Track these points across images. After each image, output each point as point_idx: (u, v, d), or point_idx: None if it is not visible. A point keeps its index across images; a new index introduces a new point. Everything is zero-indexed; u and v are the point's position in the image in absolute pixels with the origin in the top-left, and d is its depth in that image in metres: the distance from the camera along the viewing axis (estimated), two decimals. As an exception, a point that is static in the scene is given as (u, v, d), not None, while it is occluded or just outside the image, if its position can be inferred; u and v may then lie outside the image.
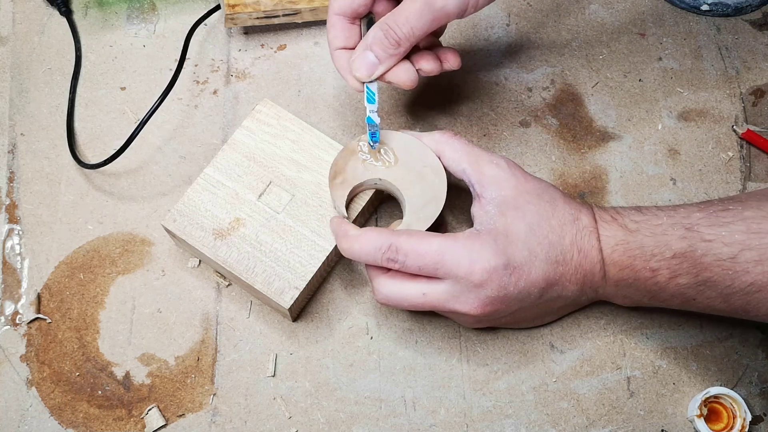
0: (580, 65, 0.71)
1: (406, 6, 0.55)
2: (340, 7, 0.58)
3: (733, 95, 0.71)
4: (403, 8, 0.55)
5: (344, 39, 0.58)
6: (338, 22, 0.58)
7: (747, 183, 0.68)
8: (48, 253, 0.64)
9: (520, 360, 0.62)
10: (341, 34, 0.58)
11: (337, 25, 0.58)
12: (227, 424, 0.60)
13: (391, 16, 0.56)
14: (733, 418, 0.60)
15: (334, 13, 0.58)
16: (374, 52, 0.56)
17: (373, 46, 0.56)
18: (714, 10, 0.73)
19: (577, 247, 0.56)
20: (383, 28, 0.56)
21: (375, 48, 0.56)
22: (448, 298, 0.55)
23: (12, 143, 0.68)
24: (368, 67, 0.57)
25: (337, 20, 0.58)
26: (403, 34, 0.55)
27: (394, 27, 0.55)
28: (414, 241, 0.54)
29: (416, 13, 0.55)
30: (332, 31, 0.59)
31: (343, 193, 0.59)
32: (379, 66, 0.57)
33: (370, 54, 0.56)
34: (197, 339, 0.62)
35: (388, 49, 0.56)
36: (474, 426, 0.61)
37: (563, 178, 0.68)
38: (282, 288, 0.58)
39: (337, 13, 0.58)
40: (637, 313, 0.64)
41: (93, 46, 0.71)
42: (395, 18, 0.55)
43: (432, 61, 0.59)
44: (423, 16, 0.55)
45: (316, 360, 0.62)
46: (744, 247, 0.52)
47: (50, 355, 0.62)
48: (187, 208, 0.61)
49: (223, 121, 0.69)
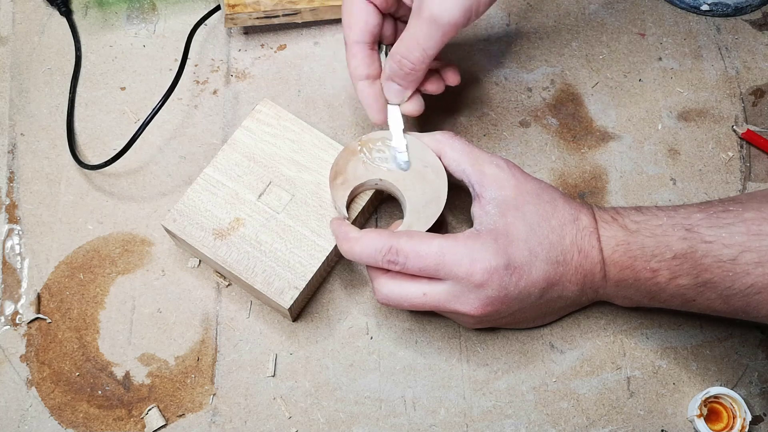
0: (580, 65, 0.71)
1: (412, 30, 0.55)
2: (358, 35, 0.58)
3: (733, 95, 0.71)
4: (411, 32, 0.55)
5: (366, 67, 0.59)
6: (359, 51, 0.58)
7: (747, 183, 0.68)
8: (48, 253, 0.64)
9: (520, 360, 0.62)
10: (363, 63, 0.59)
11: (359, 54, 0.58)
12: (227, 424, 0.60)
13: (400, 43, 0.56)
14: (733, 418, 0.60)
15: (354, 42, 0.58)
16: (396, 82, 0.58)
17: (393, 77, 0.58)
18: (714, 10, 0.73)
19: (578, 248, 0.56)
20: (396, 60, 0.56)
21: (395, 78, 0.58)
22: (449, 298, 0.55)
23: (12, 143, 0.68)
24: (397, 95, 0.59)
25: (358, 49, 0.58)
26: (416, 58, 0.56)
27: (407, 55, 0.56)
28: (414, 242, 0.54)
29: (425, 35, 0.55)
30: (353, 61, 0.59)
31: (343, 193, 0.59)
32: (405, 91, 0.59)
33: (393, 84, 0.58)
34: (197, 339, 0.62)
35: (406, 78, 0.57)
36: (474, 426, 0.61)
37: (563, 178, 0.68)
38: (282, 288, 0.59)
39: (357, 41, 0.58)
40: (637, 313, 0.64)
41: (93, 46, 0.71)
42: (406, 45, 0.56)
43: (435, 82, 0.61)
44: (432, 36, 0.55)
45: (316, 360, 0.62)
46: (744, 248, 0.52)
47: (50, 355, 0.62)
48: (187, 208, 0.61)
49: (223, 121, 0.69)
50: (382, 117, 0.60)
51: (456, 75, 0.62)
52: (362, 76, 0.59)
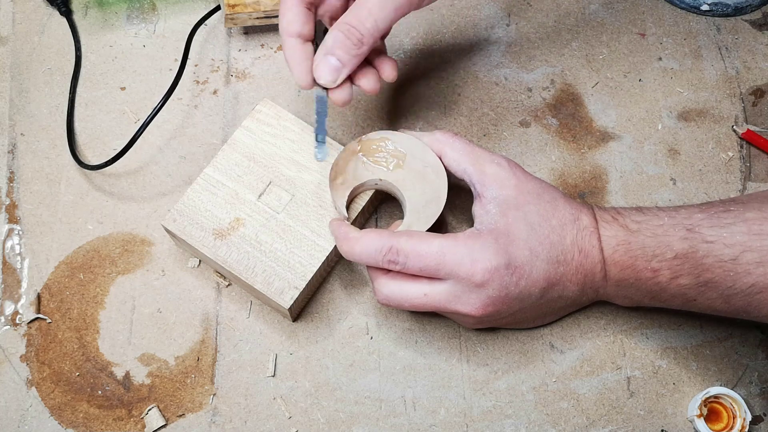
0: (580, 65, 0.71)
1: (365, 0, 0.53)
2: None
3: (733, 95, 0.71)
4: (363, 2, 0.53)
5: (301, 24, 0.55)
6: (296, 5, 0.54)
7: (747, 183, 0.68)
8: (48, 253, 0.64)
9: (520, 360, 0.62)
10: (298, 19, 0.54)
11: (295, 8, 0.54)
12: (227, 424, 0.60)
13: (350, 13, 0.53)
14: (733, 418, 0.60)
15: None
16: (336, 56, 0.54)
17: (334, 49, 0.54)
18: (714, 10, 0.73)
19: (578, 247, 0.56)
20: (343, 29, 0.53)
21: (337, 51, 0.54)
22: (450, 298, 0.55)
23: (12, 143, 0.68)
24: (332, 72, 0.55)
25: (293, 3, 0.54)
26: (367, 30, 0.53)
27: (357, 24, 0.53)
28: (414, 242, 0.54)
29: (378, 5, 0.53)
30: (289, 14, 0.54)
31: (343, 193, 0.59)
32: (343, 69, 0.55)
33: (332, 58, 0.54)
34: (197, 339, 0.62)
35: (351, 50, 0.54)
36: (474, 426, 0.61)
37: (563, 178, 0.68)
38: (282, 288, 0.58)
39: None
40: (637, 313, 0.64)
41: (93, 46, 0.71)
42: (357, 14, 0.53)
43: (371, 77, 0.58)
44: (386, 6, 0.53)
45: (316, 360, 0.62)
46: (745, 248, 0.52)
47: (50, 355, 0.62)
48: (187, 208, 0.61)
49: (223, 121, 0.69)
50: (309, 79, 0.56)
51: (393, 70, 0.58)
52: (294, 33, 0.55)
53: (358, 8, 0.53)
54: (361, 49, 0.54)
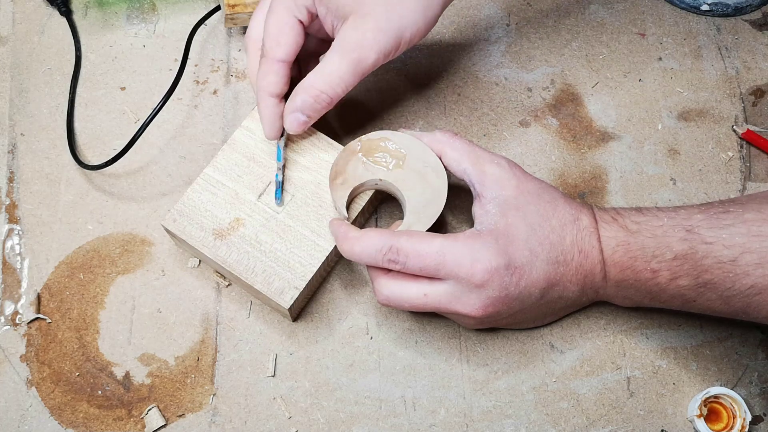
0: (580, 65, 0.71)
1: (337, 65, 0.55)
2: (286, 53, 0.57)
3: (733, 95, 0.71)
4: (335, 68, 0.55)
5: (282, 86, 0.58)
6: (281, 69, 0.57)
7: (747, 183, 0.68)
8: (48, 253, 0.64)
9: (520, 360, 0.62)
10: (281, 82, 0.57)
11: (280, 72, 0.57)
12: (227, 424, 0.60)
13: (320, 77, 0.56)
14: (733, 418, 0.60)
15: (278, 60, 0.57)
16: (305, 114, 0.57)
17: (304, 110, 0.57)
18: (714, 10, 0.73)
19: (578, 248, 0.56)
20: (313, 95, 0.56)
21: (306, 111, 0.57)
22: (450, 299, 0.55)
23: (12, 143, 0.68)
24: (300, 126, 0.58)
25: (280, 67, 0.57)
26: (337, 94, 0.57)
27: (328, 90, 0.56)
28: (415, 241, 0.54)
29: (350, 72, 0.55)
30: (272, 77, 0.57)
31: (343, 193, 0.59)
32: (309, 122, 0.59)
33: (301, 116, 0.58)
34: (197, 339, 0.62)
35: (319, 112, 0.58)
36: (474, 426, 0.61)
37: (563, 178, 0.68)
38: (282, 288, 0.58)
39: (282, 60, 0.57)
40: (637, 313, 0.64)
41: (93, 46, 0.71)
42: (327, 80, 0.56)
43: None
44: (356, 74, 0.56)
45: (316, 360, 0.62)
46: (744, 250, 0.52)
47: (50, 355, 0.62)
48: (187, 208, 0.61)
49: (223, 121, 0.69)
50: (278, 134, 0.60)
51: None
52: (273, 94, 0.58)
53: (330, 74, 0.56)
54: (328, 108, 0.58)
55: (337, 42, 0.56)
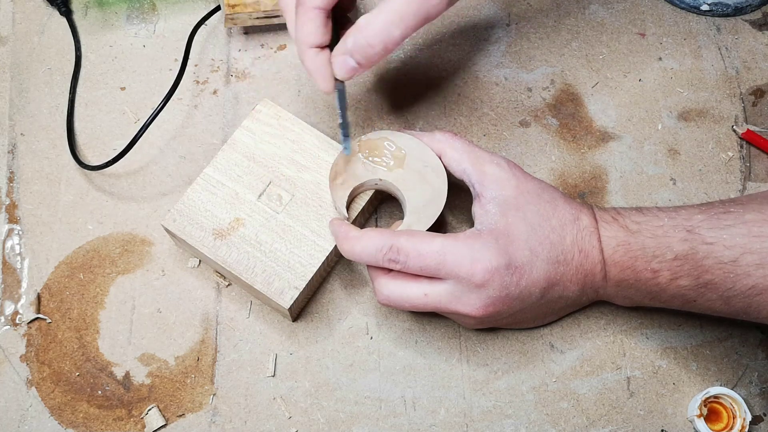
0: (580, 65, 0.71)
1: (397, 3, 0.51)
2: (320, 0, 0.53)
3: (733, 95, 0.71)
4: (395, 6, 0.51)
5: (321, 35, 0.54)
6: (317, 17, 0.53)
7: (747, 183, 0.68)
8: (48, 253, 0.64)
9: (520, 360, 0.62)
10: (318, 30, 0.53)
11: (317, 20, 0.53)
12: (227, 424, 0.60)
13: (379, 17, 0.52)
14: (733, 418, 0.60)
15: (313, 7, 0.53)
16: (355, 59, 0.54)
17: (354, 53, 0.53)
18: (714, 10, 0.73)
19: (578, 248, 0.56)
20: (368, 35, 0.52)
21: (356, 55, 0.54)
22: (450, 299, 0.55)
23: (12, 143, 0.68)
24: (350, 71, 0.55)
25: (316, 15, 0.53)
26: (394, 38, 0.52)
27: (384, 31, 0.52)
28: (415, 241, 0.54)
29: (412, 14, 0.51)
30: (310, 25, 0.53)
31: (343, 193, 0.59)
32: (359, 69, 0.55)
33: (350, 60, 0.54)
34: (197, 339, 0.62)
35: (372, 58, 0.54)
36: (474, 426, 0.61)
37: (563, 178, 0.68)
38: (282, 288, 0.58)
39: (317, 6, 0.53)
40: (637, 313, 0.64)
41: (93, 46, 0.71)
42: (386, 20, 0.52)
43: None
44: (419, 16, 0.52)
45: (316, 360, 0.62)
46: (745, 250, 0.52)
47: (50, 355, 0.62)
48: (187, 208, 0.61)
49: (223, 121, 0.69)
50: (331, 84, 0.56)
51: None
52: (313, 44, 0.54)
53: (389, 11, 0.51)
54: (384, 53, 0.53)
55: None
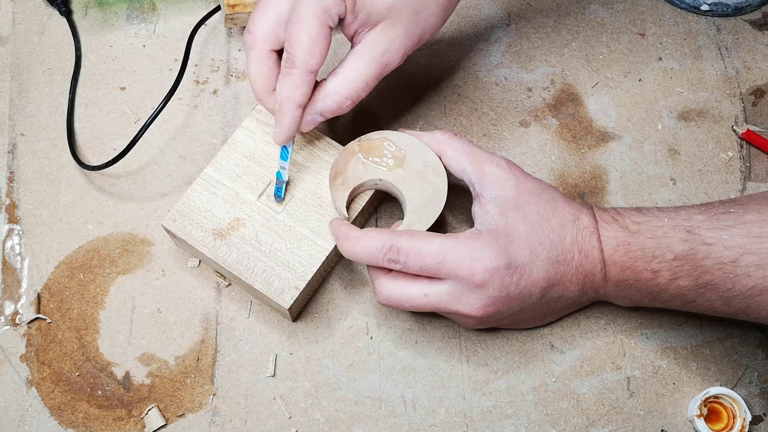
0: (580, 65, 0.71)
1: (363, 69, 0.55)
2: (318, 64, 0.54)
3: (733, 95, 0.71)
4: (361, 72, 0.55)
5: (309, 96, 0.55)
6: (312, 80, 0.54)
7: (747, 183, 0.68)
8: (48, 253, 0.64)
9: (520, 360, 0.62)
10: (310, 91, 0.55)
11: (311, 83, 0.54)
12: (227, 424, 0.60)
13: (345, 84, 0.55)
14: (733, 418, 0.60)
15: (309, 71, 0.53)
16: (324, 115, 0.57)
17: (324, 113, 0.57)
18: (714, 10, 0.73)
19: (578, 248, 0.56)
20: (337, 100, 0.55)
21: (326, 113, 0.57)
22: (450, 299, 0.55)
23: (12, 143, 0.68)
24: (314, 125, 0.58)
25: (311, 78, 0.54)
26: (360, 98, 0.57)
27: (352, 95, 0.56)
28: (415, 241, 0.54)
29: (375, 78, 0.56)
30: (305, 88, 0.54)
31: (343, 194, 0.59)
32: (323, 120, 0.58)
33: (318, 117, 0.57)
34: (197, 339, 0.62)
35: (338, 114, 0.57)
36: (474, 426, 0.61)
37: (563, 178, 0.68)
38: (282, 288, 0.58)
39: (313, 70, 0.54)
40: (637, 313, 0.64)
41: (93, 46, 0.71)
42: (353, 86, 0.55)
43: None
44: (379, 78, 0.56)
45: (316, 360, 0.62)
46: (745, 251, 0.52)
47: (50, 355, 0.62)
48: (187, 208, 0.61)
49: (223, 121, 0.69)
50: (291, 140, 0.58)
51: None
52: (302, 104, 0.55)
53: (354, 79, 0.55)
54: (349, 109, 0.57)
55: (363, 48, 0.55)
